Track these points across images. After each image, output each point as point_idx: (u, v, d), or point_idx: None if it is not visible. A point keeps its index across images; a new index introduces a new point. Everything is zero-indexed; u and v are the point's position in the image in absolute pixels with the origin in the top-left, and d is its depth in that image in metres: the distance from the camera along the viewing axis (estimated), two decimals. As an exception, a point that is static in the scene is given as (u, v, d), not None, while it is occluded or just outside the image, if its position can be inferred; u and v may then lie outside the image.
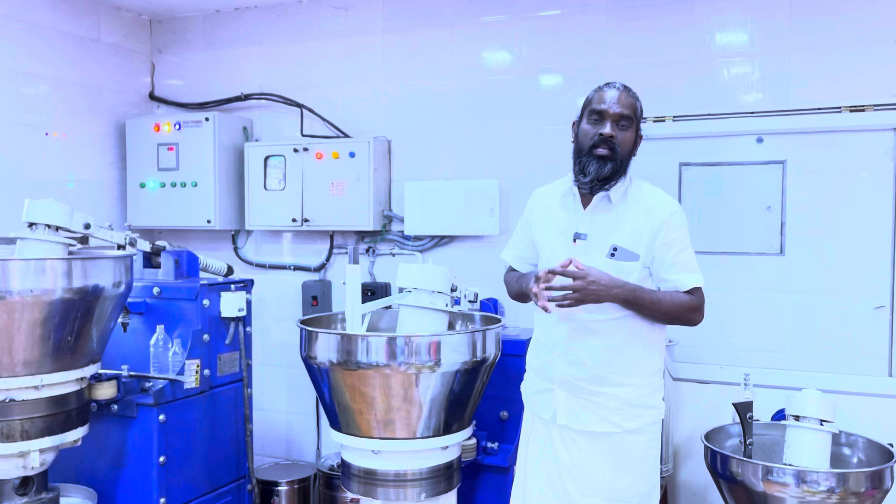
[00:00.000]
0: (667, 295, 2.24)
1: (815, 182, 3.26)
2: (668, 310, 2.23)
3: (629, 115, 2.23)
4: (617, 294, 2.15)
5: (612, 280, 2.15)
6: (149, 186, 4.19)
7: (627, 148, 2.24)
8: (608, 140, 2.19)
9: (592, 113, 2.24)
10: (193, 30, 4.43)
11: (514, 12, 3.77)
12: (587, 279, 2.11)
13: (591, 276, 2.12)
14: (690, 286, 2.24)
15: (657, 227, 2.21)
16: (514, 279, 2.51)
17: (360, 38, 4.05)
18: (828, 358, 3.24)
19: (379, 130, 3.99)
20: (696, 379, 3.44)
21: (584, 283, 2.11)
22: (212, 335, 3.27)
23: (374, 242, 4.02)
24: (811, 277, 3.27)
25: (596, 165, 2.19)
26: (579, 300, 2.12)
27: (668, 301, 2.23)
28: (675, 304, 2.23)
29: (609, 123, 2.20)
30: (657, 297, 2.23)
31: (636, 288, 2.19)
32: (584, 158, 2.22)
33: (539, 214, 2.42)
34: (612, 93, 2.24)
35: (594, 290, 2.11)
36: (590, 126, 2.23)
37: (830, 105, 3.21)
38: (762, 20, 3.33)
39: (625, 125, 2.22)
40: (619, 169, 2.23)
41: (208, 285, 3.26)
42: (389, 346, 2.47)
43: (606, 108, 2.21)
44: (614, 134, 2.20)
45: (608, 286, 2.13)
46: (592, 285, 2.11)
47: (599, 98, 2.25)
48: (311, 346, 2.60)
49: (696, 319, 2.29)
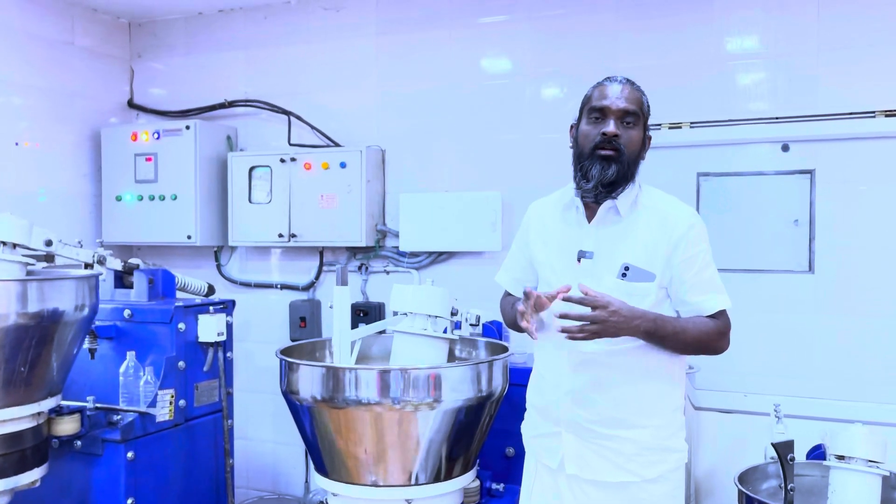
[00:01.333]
0: (690, 322, 1.94)
1: (846, 193, 2.99)
2: (693, 339, 1.93)
3: (635, 110, 1.93)
4: (638, 326, 1.84)
5: (632, 310, 1.84)
6: (125, 199, 3.91)
7: (634, 149, 1.94)
8: (612, 139, 1.90)
9: (593, 111, 1.95)
10: (175, 33, 4.17)
11: (515, 12, 3.51)
12: (609, 308, 1.80)
13: (614, 304, 1.81)
14: (715, 309, 1.94)
15: (675, 242, 1.92)
16: (509, 305, 2.20)
17: (351, 41, 3.80)
18: (864, 385, 2.96)
19: (372, 139, 3.72)
20: (718, 408, 3.15)
21: (607, 314, 1.79)
22: (188, 362, 2.98)
23: (367, 259, 3.74)
24: (844, 297, 2.99)
25: (599, 168, 1.90)
26: (596, 333, 1.81)
27: (692, 329, 1.92)
28: (701, 332, 1.93)
29: (612, 121, 1.91)
30: (680, 325, 1.92)
31: (657, 317, 1.89)
32: (586, 162, 1.93)
33: (537, 231, 2.11)
34: (615, 87, 1.94)
35: (615, 322, 1.80)
36: (590, 126, 1.94)
37: (863, 109, 2.95)
38: (787, 17, 3.07)
39: (630, 122, 1.93)
40: (626, 172, 1.92)
41: (184, 307, 2.98)
42: (382, 380, 2.17)
43: (609, 105, 1.92)
44: (619, 132, 1.90)
45: (629, 317, 1.82)
46: (614, 316, 1.80)
47: (600, 93, 1.95)
48: (292, 380, 2.30)
49: (722, 347, 1.99)
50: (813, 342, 3.04)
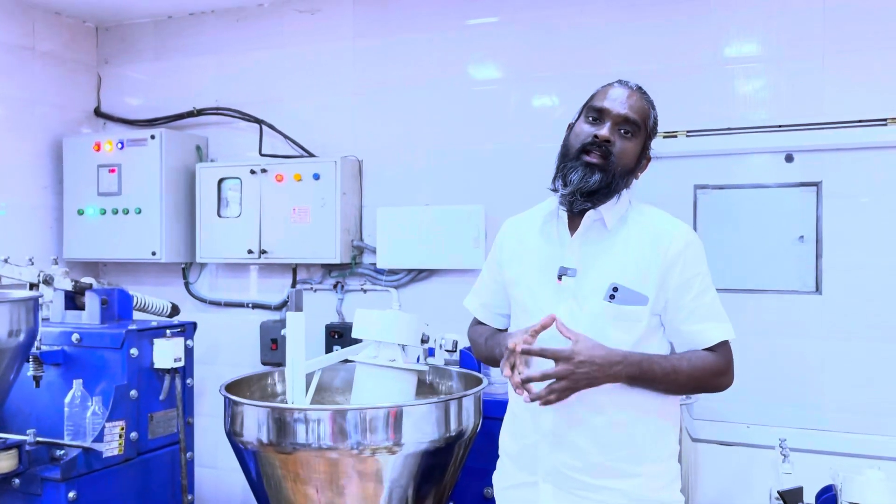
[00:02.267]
0: (684, 360, 1.68)
1: (856, 207, 2.76)
2: (688, 379, 1.68)
3: (636, 120, 1.71)
4: (618, 372, 1.61)
5: (610, 354, 1.60)
6: (88, 213, 3.68)
7: (627, 162, 1.71)
8: (603, 144, 1.68)
9: (591, 110, 1.73)
10: (144, 38, 3.95)
11: (503, 14, 3.29)
12: (575, 359, 1.57)
13: (581, 353, 1.58)
14: (715, 340, 1.69)
15: (670, 262, 1.67)
16: (481, 337, 1.94)
17: (327, 45, 3.58)
18: (877, 417, 2.72)
19: (348, 149, 3.50)
20: (717, 440, 2.91)
21: (572, 367, 1.57)
22: (141, 390, 2.75)
23: (343, 277, 3.51)
24: (855, 319, 2.75)
25: (581, 173, 1.68)
26: (567, 389, 1.59)
27: (685, 369, 1.67)
28: (696, 370, 1.67)
29: (608, 125, 1.69)
30: (672, 364, 1.66)
31: (642, 359, 1.64)
32: (569, 163, 1.71)
33: (511, 249, 1.87)
34: (620, 91, 1.74)
35: (585, 373, 1.58)
36: (586, 126, 1.73)
37: (873, 117, 2.72)
38: (791, 18, 2.85)
39: (628, 132, 1.71)
40: (611, 185, 1.69)
41: (137, 331, 2.74)
42: (336, 422, 1.92)
43: (608, 107, 1.71)
44: (612, 139, 1.68)
45: (605, 364, 1.59)
46: (582, 367, 1.57)
47: (603, 94, 1.75)
48: (236, 420, 2.06)
49: (724, 384, 1.75)
50: (821, 369, 2.80)
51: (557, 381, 1.58)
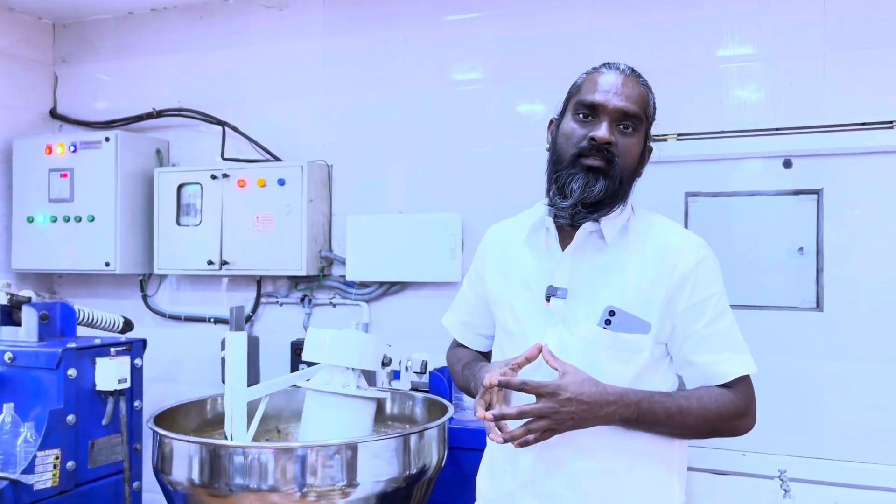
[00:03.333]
0: (693, 398, 1.41)
1: (860, 216, 2.55)
2: (699, 422, 1.41)
3: (636, 112, 1.45)
4: (610, 414, 1.35)
5: (602, 392, 1.35)
6: (38, 221, 3.43)
7: (631, 162, 1.47)
8: (604, 148, 1.43)
9: (581, 106, 1.46)
10: (104, 35, 3.72)
11: (485, 9, 3.08)
12: (559, 396, 1.31)
13: (567, 390, 1.32)
14: (733, 375, 1.43)
15: (678, 281, 1.43)
16: (458, 364, 1.69)
17: (296, 44, 3.36)
18: (883, 444, 2.50)
19: (317, 153, 3.27)
20: (711, 469, 2.67)
21: (555, 405, 1.31)
22: (81, 415, 2.51)
23: (311, 290, 3.27)
24: (858, 339, 2.54)
25: (582, 182, 1.42)
26: (549, 430, 1.33)
27: (696, 409, 1.40)
28: (711, 412, 1.41)
29: (606, 123, 1.43)
30: (678, 404, 1.40)
31: (641, 398, 1.38)
32: (566, 172, 1.45)
33: (495, 261, 1.63)
34: (612, 77, 1.47)
35: (571, 412, 1.32)
36: (577, 125, 1.46)
37: (878, 119, 2.52)
38: (789, 14, 2.65)
39: (629, 128, 1.45)
40: (618, 192, 1.45)
41: (76, 349, 2.50)
42: (279, 460, 1.69)
43: (604, 102, 1.44)
44: (612, 139, 1.43)
45: (594, 403, 1.33)
46: (568, 405, 1.31)
47: (593, 84, 1.48)
48: (164, 457, 1.82)
49: (743, 428, 1.47)
50: (822, 392, 2.58)
51: (537, 420, 1.33)
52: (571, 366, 1.36)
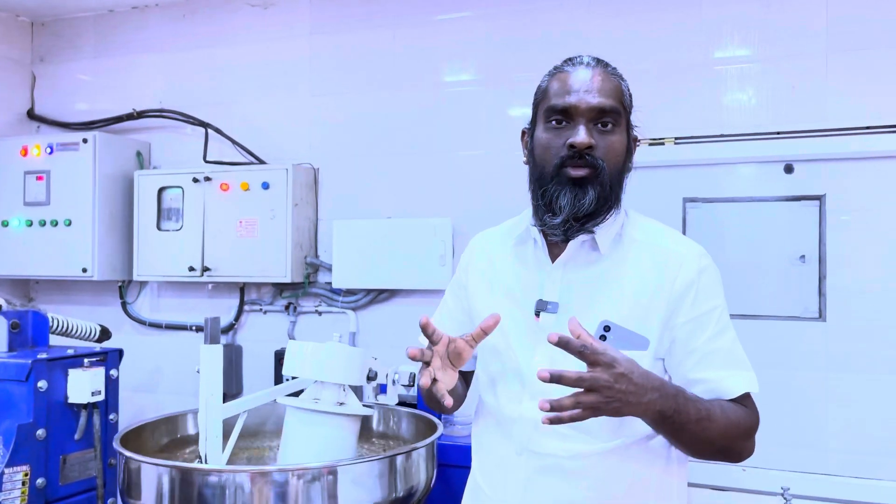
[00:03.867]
0: (717, 407, 1.29)
1: (863, 224, 2.47)
2: (720, 433, 1.28)
3: (613, 106, 1.35)
4: (652, 402, 1.19)
5: (646, 375, 1.19)
6: (12, 225, 3.31)
7: (617, 160, 1.36)
8: (585, 153, 1.32)
9: (553, 112, 1.36)
10: (83, 34, 3.61)
11: (476, 8, 2.99)
12: (615, 370, 1.14)
13: (621, 364, 1.15)
14: (738, 392, 1.33)
15: (679, 293, 1.33)
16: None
17: (282, 43, 3.26)
18: (888, 460, 2.41)
19: (304, 156, 3.17)
20: (711, 484, 2.58)
21: (611, 378, 1.14)
22: (52, 429, 2.40)
23: (296, 297, 3.16)
24: (863, 350, 2.45)
25: (571, 196, 1.32)
26: (593, 409, 1.14)
27: (719, 417, 1.28)
28: (732, 425, 1.29)
29: (582, 126, 1.33)
30: (707, 409, 1.27)
31: (678, 392, 1.24)
32: (551, 186, 1.34)
33: (480, 272, 1.52)
34: (580, 73, 1.37)
35: (622, 391, 1.14)
36: (551, 134, 1.36)
37: (882, 123, 2.44)
38: (790, 14, 2.57)
39: (609, 125, 1.35)
40: (609, 196, 1.35)
41: (47, 360, 2.39)
42: (255, 485, 1.58)
43: (576, 103, 1.33)
44: (593, 142, 1.32)
45: (641, 386, 1.17)
46: (621, 382, 1.14)
47: (561, 86, 1.37)
48: (131, 480, 1.71)
49: (747, 450, 1.37)
50: (825, 405, 2.50)
51: (587, 393, 1.14)
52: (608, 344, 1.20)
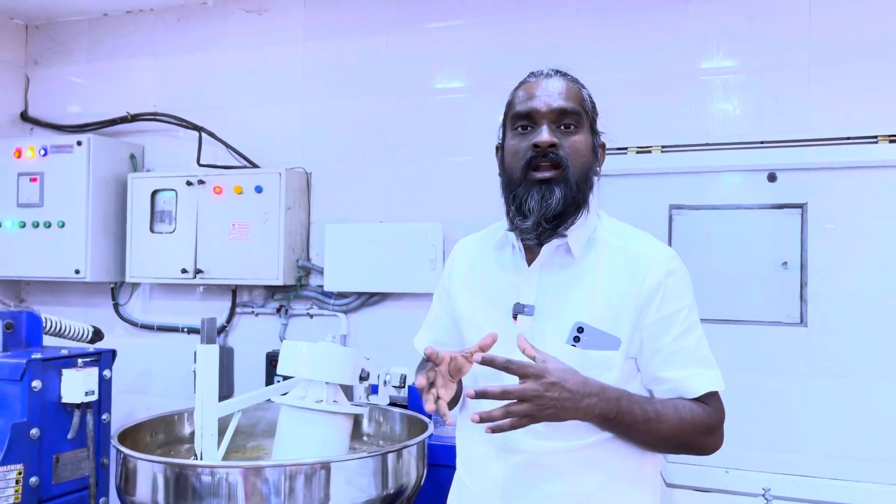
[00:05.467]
0: (670, 406, 1.37)
1: (844, 231, 2.53)
2: (672, 432, 1.36)
3: (574, 108, 1.41)
4: (591, 406, 1.28)
5: (584, 383, 1.28)
6: (5, 226, 3.33)
7: (582, 160, 1.41)
8: (549, 152, 1.38)
9: (518, 118, 1.43)
10: (77, 37, 3.64)
11: (466, 17, 3.04)
12: (545, 379, 1.23)
13: (552, 373, 1.24)
14: (702, 391, 1.39)
15: (648, 294, 1.39)
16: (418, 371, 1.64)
17: (276, 49, 3.30)
18: (866, 463, 2.47)
19: (297, 160, 3.21)
20: (693, 486, 2.64)
21: (540, 388, 1.22)
22: (45, 428, 2.42)
23: (288, 300, 3.20)
24: (842, 355, 2.52)
25: (538, 197, 1.38)
26: (529, 416, 1.23)
27: (671, 417, 1.36)
28: (683, 422, 1.36)
29: (545, 127, 1.39)
30: (655, 409, 1.36)
31: (621, 395, 1.33)
32: (520, 189, 1.40)
33: (462, 276, 1.57)
34: (543, 82, 1.45)
35: (554, 398, 1.23)
36: (518, 139, 1.42)
37: (863, 134, 2.51)
38: (774, 27, 2.64)
39: (570, 125, 1.41)
40: (576, 195, 1.40)
41: (42, 360, 2.42)
42: (249, 481, 1.62)
43: (536, 107, 1.41)
44: (556, 141, 1.38)
45: (577, 393, 1.26)
46: (552, 390, 1.23)
47: (523, 94, 1.45)
48: (128, 477, 1.74)
49: (713, 446, 1.43)
50: (806, 409, 2.55)
51: (519, 403, 1.22)
52: (551, 355, 1.30)
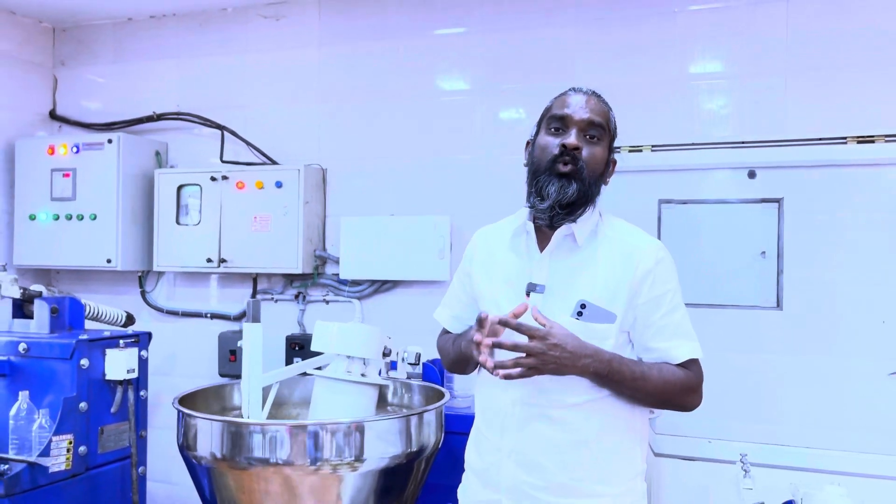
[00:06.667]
0: (654, 368, 1.66)
1: (817, 224, 2.79)
2: (656, 389, 1.65)
3: (600, 122, 1.70)
4: (586, 365, 1.58)
5: (582, 345, 1.58)
6: (40, 218, 3.56)
7: (597, 167, 1.70)
8: (572, 153, 1.66)
9: (553, 120, 1.71)
10: (102, 40, 3.86)
11: (471, 25, 3.28)
12: (548, 340, 1.54)
13: (555, 336, 1.55)
14: (684, 358, 1.68)
15: (640, 279, 1.66)
16: (449, 342, 1.92)
17: (292, 52, 3.53)
18: (836, 433, 2.74)
19: (313, 158, 3.45)
20: (679, 455, 2.90)
21: (543, 346, 1.53)
22: (92, 403, 2.66)
23: (305, 287, 3.44)
24: (814, 336, 2.78)
25: (557, 185, 1.65)
26: (534, 368, 1.54)
27: (655, 377, 1.65)
28: (666, 382, 1.67)
29: (574, 132, 1.67)
30: (641, 370, 1.65)
31: (613, 357, 1.62)
32: (543, 177, 1.68)
33: (482, 261, 1.85)
34: (578, 97, 1.73)
35: (556, 356, 1.54)
36: (550, 137, 1.70)
37: (834, 135, 2.76)
38: (754, 37, 2.88)
39: (594, 137, 1.69)
40: (587, 194, 1.68)
41: (88, 341, 2.65)
42: (294, 437, 1.87)
43: (571, 114, 1.69)
44: (580, 145, 1.66)
45: (575, 353, 1.56)
46: (554, 350, 1.54)
47: (562, 103, 1.73)
48: (189, 434, 1.99)
49: (693, 403, 1.74)
50: (781, 384, 2.82)
51: (526, 357, 1.54)
52: (557, 323, 1.59)
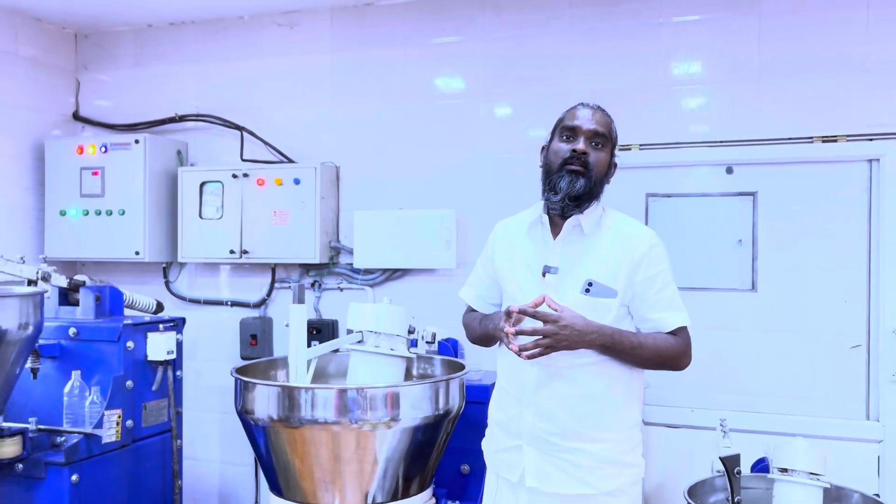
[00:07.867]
0: (649, 338, 2.02)
1: (787, 215, 3.12)
2: (652, 354, 2.01)
3: (604, 133, 2.06)
4: (592, 340, 1.93)
5: (588, 324, 1.93)
6: (70, 214, 3.80)
7: (601, 169, 2.06)
8: (581, 156, 2.01)
9: (565, 130, 2.07)
10: (123, 45, 4.09)
11: (468, 34, 3.57)
12: (559, 323, 1.89)
13: (565, 319, 1.90)
14: (675, 326, 2.04)
15: (637, 261, 2.01)
16: (476, 320, 2.26)
17: (305, 57, 3.79)
18: (804, 400, 3.08)
19: (326, 156, 3.72)
20: (666, 423, 3.23)
21: (556, 328, 1.89)
22: (136, 381, 2.92)
23: (321, 276, 3.72)
24: (785, 315, 3.12)
25: (567, 181, 2.00)
26: (550, 347, 1.90)
27: (650, 345, 2.01)
28: (659, 348, 2.02)
29: (582, 139, 2.03)
30: (638, 340, 2.00)
31: (614, 332, 1.97)
32: (555, 175, 2.03)
33: (503, 248, 2.19)
34: (586, 111, 2.08)
35: (566, 335, 1.89)
36: (562, 143, 2.06)
37: (802, 135, 3.09)
38: (730, 44, 3.20)
39: (599, 144, 2.05)
40: (593, 190, 2.04)
41: (133, 325, 2.92)
42: (340, 399, 2.17)
43: (580, 125, 2.04)
44: (588, 150, 2.02)
45: (583, 331, 1.92)
46: (565, 330, 1.89)
47: (572, 115, 2.09)
48: (248, 400, 2.28)
49: (683, 363, 2.08)
50: (756, 359, 3.15)
51: (543, 339, 1.88)
52: (567, 308, 1.94)
